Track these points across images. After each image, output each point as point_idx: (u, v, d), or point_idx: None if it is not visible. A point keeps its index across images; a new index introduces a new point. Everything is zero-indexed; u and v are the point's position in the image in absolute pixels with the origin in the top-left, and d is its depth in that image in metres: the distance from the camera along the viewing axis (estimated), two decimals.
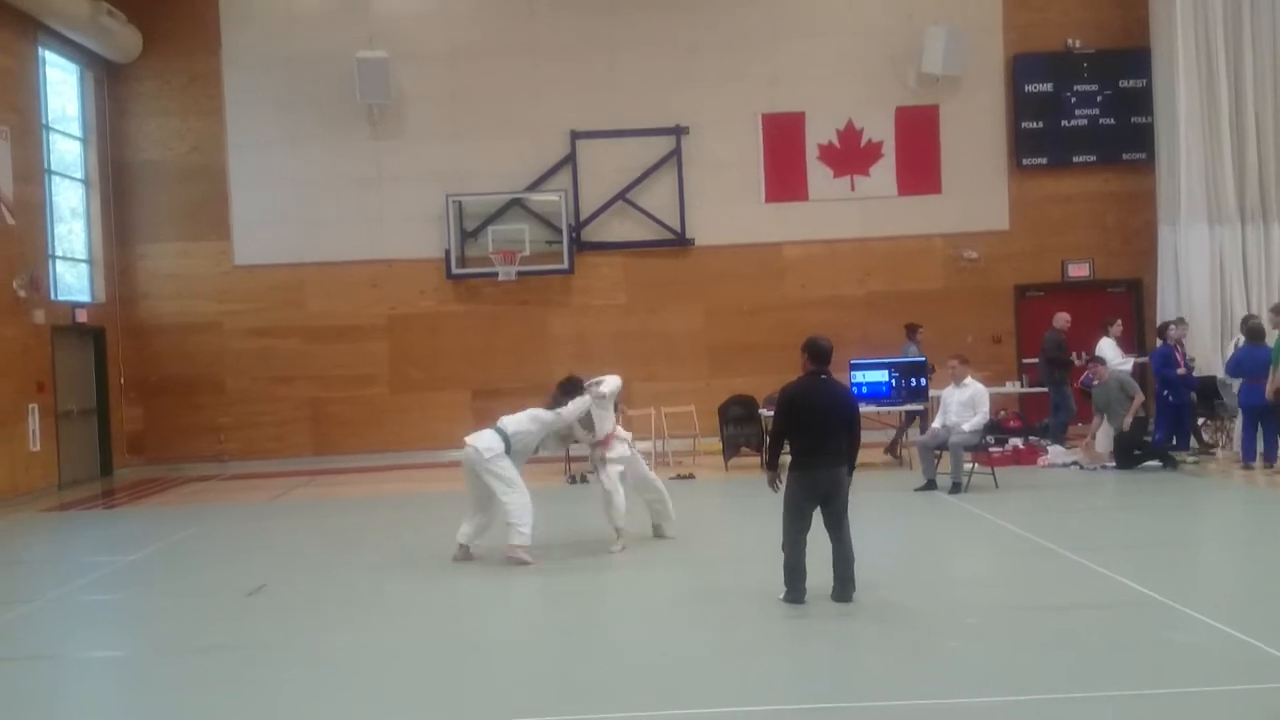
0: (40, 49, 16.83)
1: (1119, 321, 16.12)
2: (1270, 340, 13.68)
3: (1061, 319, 16.25)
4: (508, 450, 9.57)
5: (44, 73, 17.07)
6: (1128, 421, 13.94)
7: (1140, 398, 14.20)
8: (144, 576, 9.96)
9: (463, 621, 7.86)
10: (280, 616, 8.19)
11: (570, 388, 10.08)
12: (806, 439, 7.63)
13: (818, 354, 7.83)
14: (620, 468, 10.01)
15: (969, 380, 13.21)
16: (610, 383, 10.14)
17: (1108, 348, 15.33)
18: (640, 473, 10.28)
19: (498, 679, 6.47)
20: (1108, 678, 5.98)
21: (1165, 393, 14.94)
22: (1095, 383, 14.52)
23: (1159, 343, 15.39)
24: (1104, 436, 14.51)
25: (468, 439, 9.73)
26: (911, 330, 16.35)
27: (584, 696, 6.03)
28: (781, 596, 7.57)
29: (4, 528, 13.14)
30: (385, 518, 12.88)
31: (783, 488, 7.76)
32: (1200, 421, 15.52)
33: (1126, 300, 19.08)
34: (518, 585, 8.99)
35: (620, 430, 10.30)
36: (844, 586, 7.54)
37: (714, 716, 5.69)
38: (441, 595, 8.67)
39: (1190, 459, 14.42)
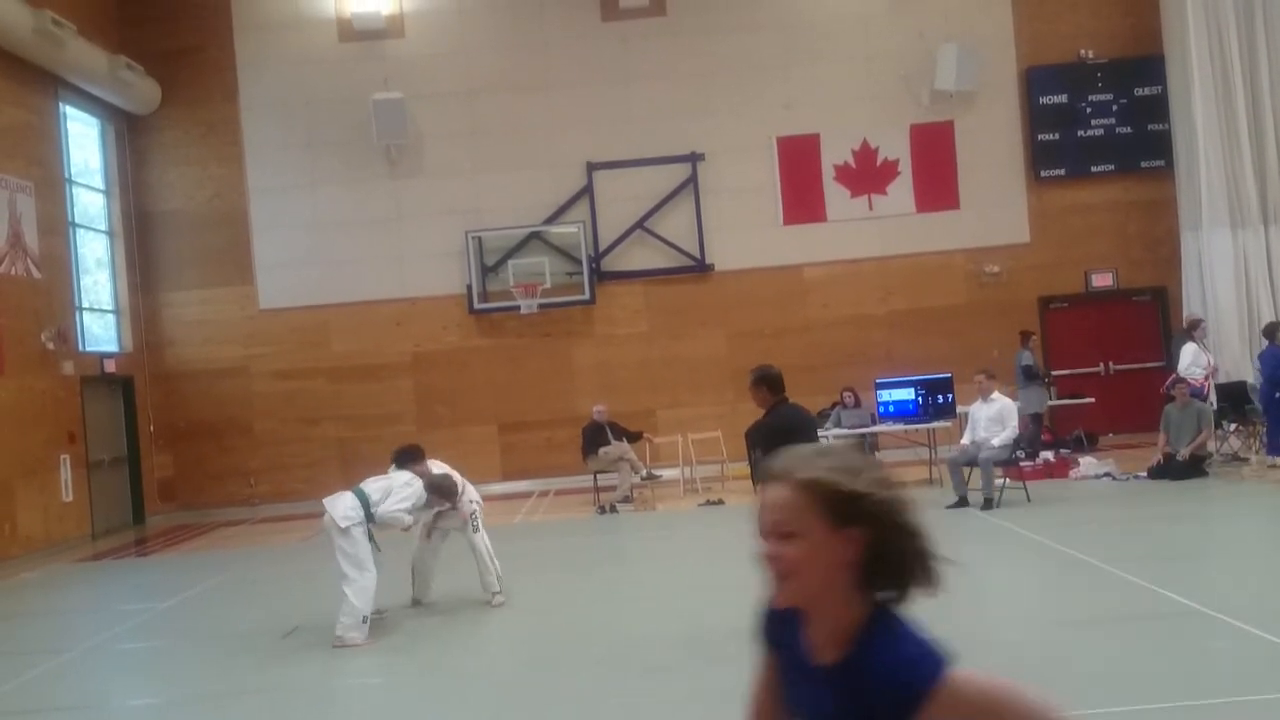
0: (61, 104, 17.07)
1: (1202, 324, 15.45)
2: None
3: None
4: (369, 518, 8.67)
5: (65, 127, 17.30)
6: (1186, 453, 13.66)
7: (1208, 434, 13.89)
8: (179, 623, 9.98)
9: (499, 658, 7.83)
10: (315, 658, 8.18)
11: (410, 456, 9.37)
12: None
13: (775, 383, 7.84)
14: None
15: (996, 395, 13.13)
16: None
17: (1188, 354, 14.85)
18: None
19: (548, 709, 6.44)
20: (1150, 689, 5.90)
21: (1278, 395, 14.49)
22: (1176, 401, 14.12)
23: (1264, 344, 14.54)
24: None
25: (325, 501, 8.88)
26: (1025, 338, 16.53)
27: None
28: None
29: (39, 579, 13.22)
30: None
31: None
32: (1234, 428, 15.33)
33: (1152, 308, 18.97)
34: (545, 622, 8.95)
35: (471, 492, 9.65)
36: None
37: None
38: (474, 631, 8.65)
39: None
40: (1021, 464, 13.52)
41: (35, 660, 8.65)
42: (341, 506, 8.63)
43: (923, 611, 2.17)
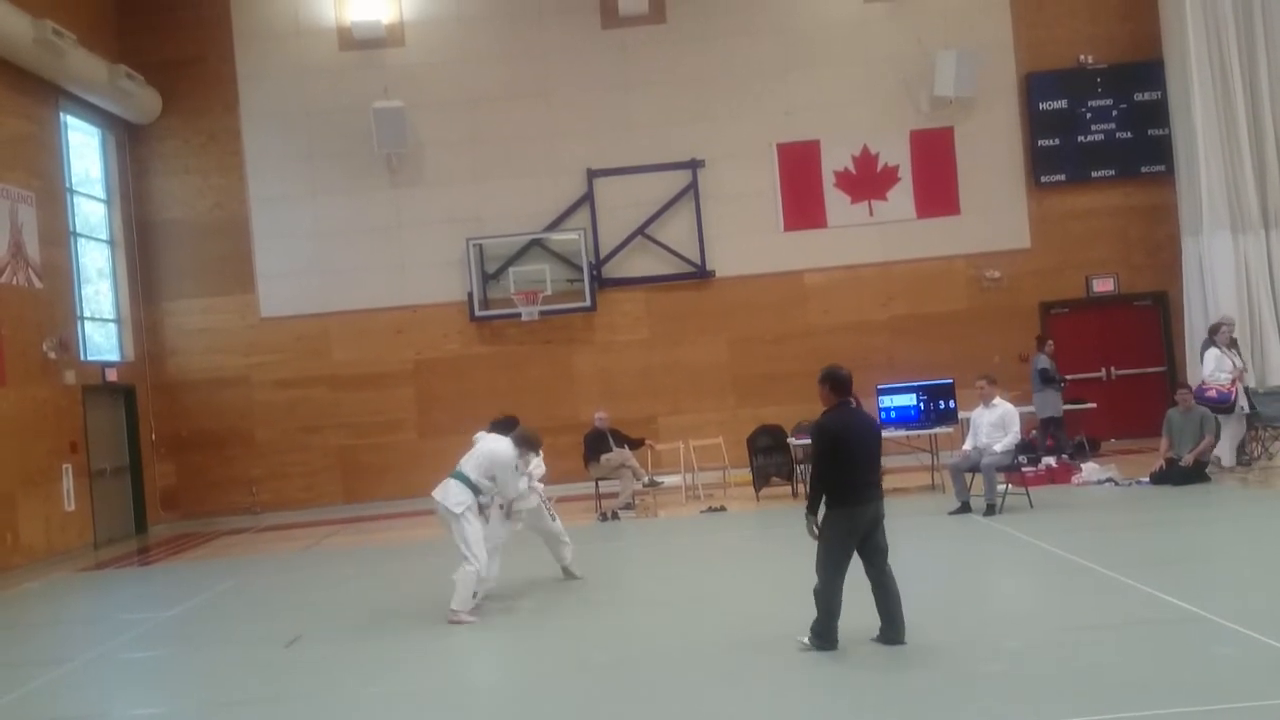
0: (62, 114, 17.10)
1: (1224, 328, 15.18)
2: None
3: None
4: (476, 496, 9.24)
5: (66, 137, 17.33)
6: (1190, 458, 13.64)
7: (1211, 441, 13.83)
8: (181, 632, 9.98)
9: (499, 665, 7.83)
10: (318, 667, 8.17)
11: (507, 424, 9.93)
12: (851, 474, 7.18)
13: (841, 384, 7.40)
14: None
15: (998, 400, 13.13)
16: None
17: (1211, 359, 14.70)
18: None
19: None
20: (1154, 695, 5.89)
21: None
22: (1179, 406, 14.11)
23: None
24: (1228, 448, 14.30)
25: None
26: (1041, 343, 16.60)
27: None
28: (807, 643, 7.16)
29: (42, 588, 13.21)
30: (418, 564, 12.85)
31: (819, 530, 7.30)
32: None
33: (1154, 313, 18.97)
34: (545, 631, 8.94)
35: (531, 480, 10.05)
36: (894, 627, 7.13)
37: None
38: (476, 642, 8.64)
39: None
40: (1024, 469, 13.51)
41: (38, 670, 8.64)
42: (452, 495, 9.18)
43: (927, 618, 2.16)
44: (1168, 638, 7.04)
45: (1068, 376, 17.14)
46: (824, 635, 7.16)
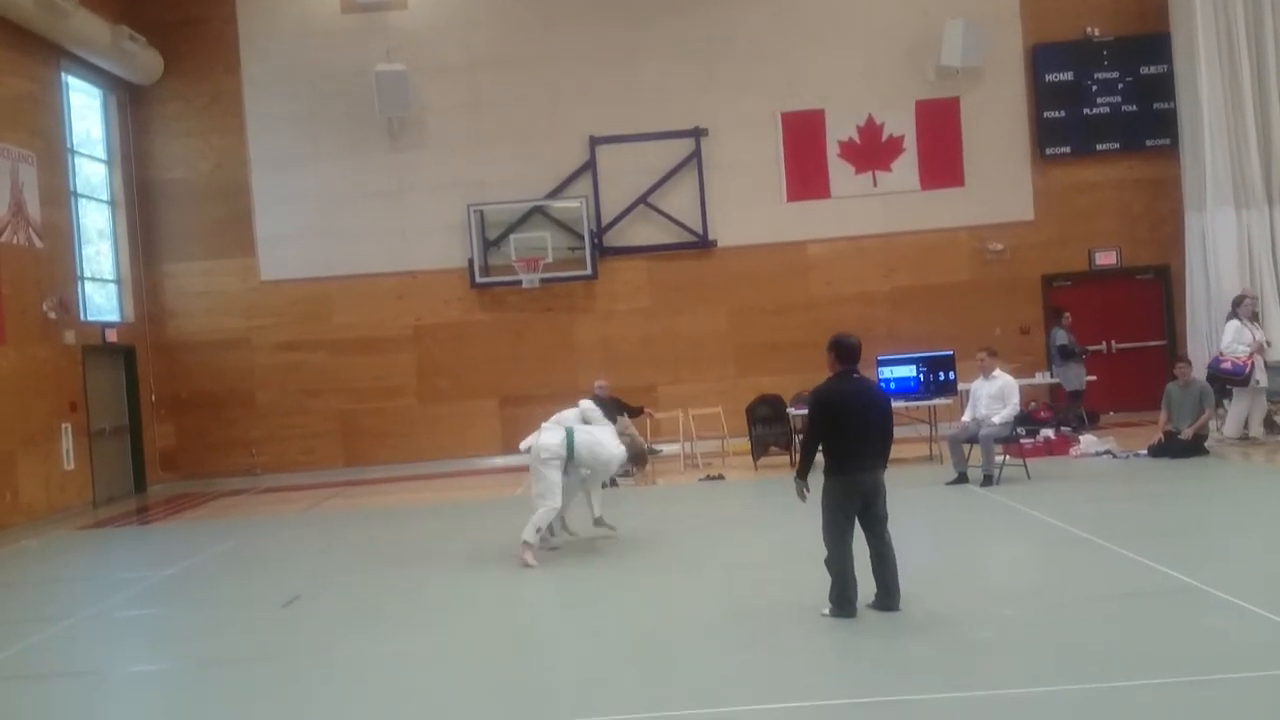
0: (63, 74, 17.01)
1: (1247, 300, 15.15)
2: None
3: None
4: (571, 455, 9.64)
5: (68, 97, 17.25)
6: (1189, 433, 13.65)
7: (1210, 415, 13.86)
8: (180, 591, 10.02)
9: (499, 627, 7.87)
10: (316, 627, 8.22)
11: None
12: (845, 443, 7.21)
13: (846, 352, 7.41)
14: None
15: (998, 372, 13.14)
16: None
17: (1230, 330, 14.64)
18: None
19: (532, 683, 6.47)
20: (1147, 665, 5.92)
21: None
22: (1178, 380, 14.10)
23: None
24: (1234, 420, 14.27)
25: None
26: (1058, 315, 16.70)
27: (623, 700, 6.01)
28: (827, 613, 7.17)
29: (41, 546, 13.27)
30: (416, 527, 12.93)
31: (810, 496, 7.44)
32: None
33: (1155, 287, 18.95)
34: (546, 589, 8.99)
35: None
36: (889, 594, 7.18)
37: (756, 714, 5.67)
38: (473, 601, 8.68)
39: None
40: (1022, 441, 13.54)
41: (36, 627, 8.69)
42: (552, 441, 9.57)
43: (921, 587, 2.17)
44: (1161, 609, 7.07)
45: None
46: (839, 603, 7.18)
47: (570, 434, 9.71)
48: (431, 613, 8.44)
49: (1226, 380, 14.12)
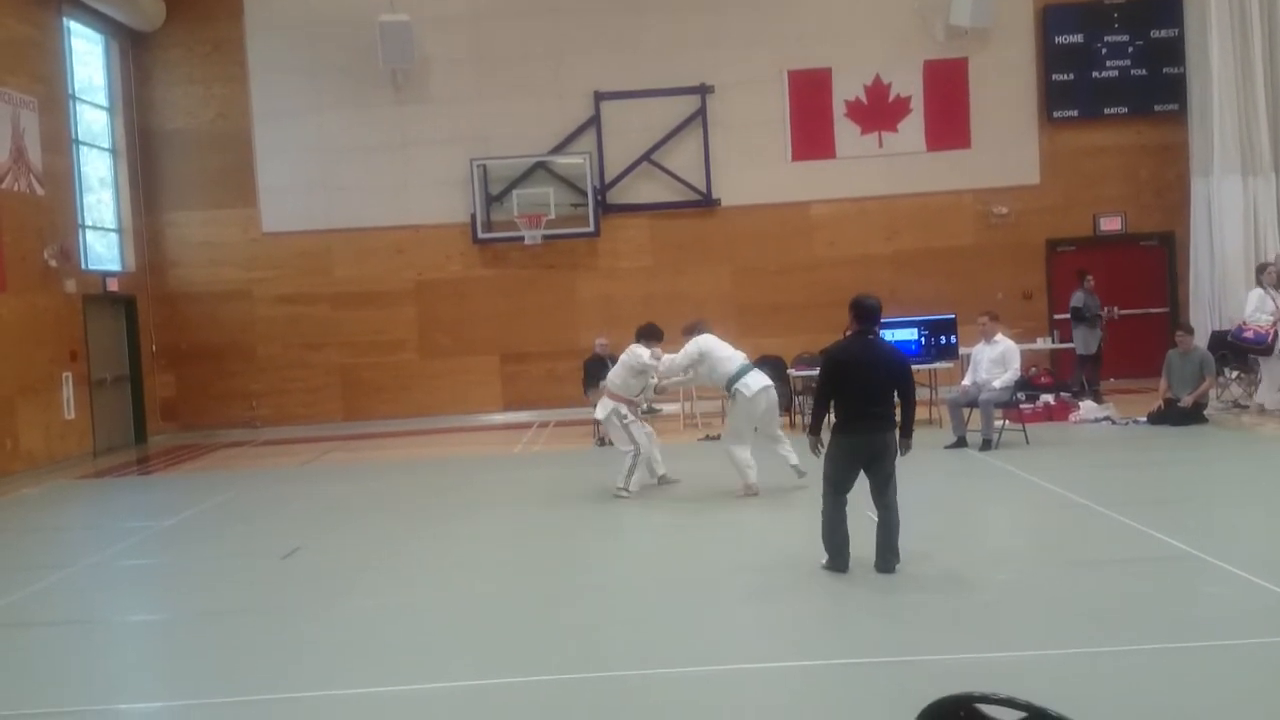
0: (65, 19, 16.86)
1: (1271, 268, 14.75)
2: None
3: None
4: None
5: (69, 43, 17.11)
6: (1190, 400, 13.64)
7: (1210, 383, 13.86)
8: (179, 541, 10.07)
9: (498, 581, 7.90)
10: (315, 579, 8.26)
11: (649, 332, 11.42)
12: (851, 401, 7.36)
13: (864, 313, 7.52)
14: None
15: (999, 337, 13.13)
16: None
17: (1253, 299, 14.37)
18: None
19: (527, 638, 6.50)
20: (1141, 631, 5.95)
21: None
22: (1179, 348, 14.07)
23: None
24: (1269, 389, 14.00)
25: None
26: (1081, 277, 16.63)
27: (615, 655, 6.05)
28: (823, 564, 7.38)
29: (41, 495, 13.32)
30: (415, 481, 12.95)
31: (824, 451, 7.58)
32: (1235, 375, 15.27)
33: (1160, 253, 18.89)
34: (547, 546, 9.03)
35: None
36: (887, 556, 7.25)
37: (752, 672, 5.71)
38: (473, 556, 8.72)
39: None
40: (1022, 406, 13.54)
41: (36, 575, 8.73)
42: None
43: (918, 550, 2.16)
44: (1156, 575, 7.10)
45: (1067, 316, 17.06)
46: (831, 554, 7.39)
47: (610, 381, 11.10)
48: (429, 567, 8.47)
49: (1250, 349, 14.05)
